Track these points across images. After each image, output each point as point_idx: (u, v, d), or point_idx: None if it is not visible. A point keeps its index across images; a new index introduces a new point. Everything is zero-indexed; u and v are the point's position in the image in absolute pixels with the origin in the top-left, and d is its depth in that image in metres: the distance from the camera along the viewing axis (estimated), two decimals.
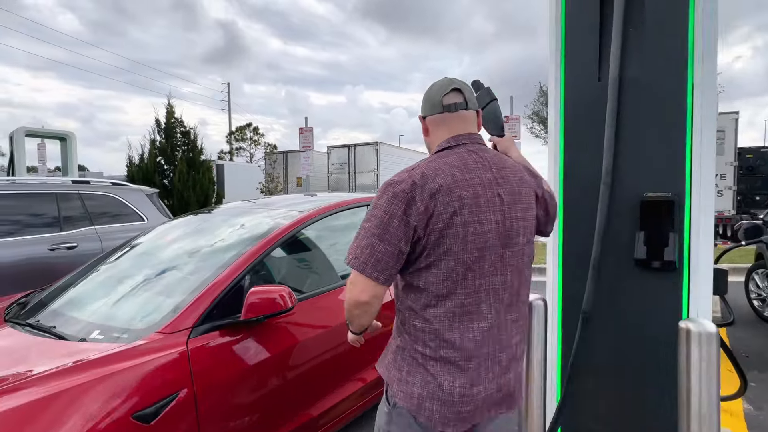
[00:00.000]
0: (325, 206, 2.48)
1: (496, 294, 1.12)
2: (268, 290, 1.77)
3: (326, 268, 2.42)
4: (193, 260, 2.15)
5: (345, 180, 16.32)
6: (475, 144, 1.22)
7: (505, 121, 1.75)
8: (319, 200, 2.75)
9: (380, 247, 1.05)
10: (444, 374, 1.09)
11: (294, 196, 3.07)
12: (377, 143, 15.61)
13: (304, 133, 7.95)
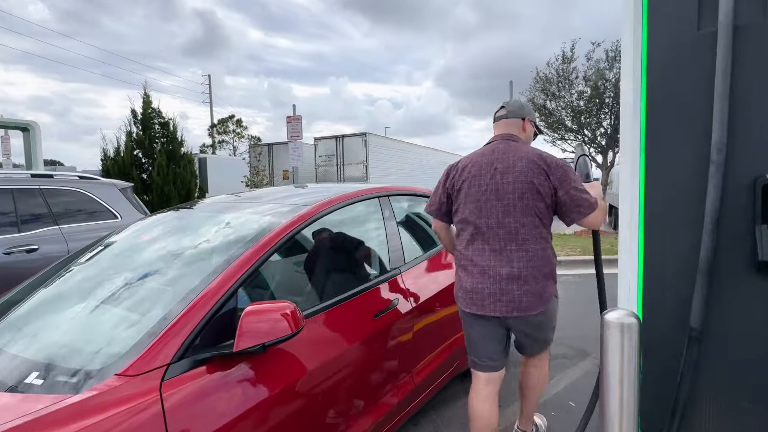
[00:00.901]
0: (328, 199, 2.05)
1: (492, 229, 1.72)
2: (269, 308, 1.35)
3: (338, 273, 2.00)
4: (171, 269, 1.71)
5: (333, 172, 15.83)
6: (503, 141, 1.83)
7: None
8: (316, 192, 2.32)
9: (434, 198, 1.94)
10: (463, 276, 1.81)
11: (284, 188, 2.61)
12: (366, 134, 15.13)
13: (292, 121, 7.45)
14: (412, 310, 2.11)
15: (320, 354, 1.60)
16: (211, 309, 1.37)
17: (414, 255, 2.40)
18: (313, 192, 2.37)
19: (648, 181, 1.42)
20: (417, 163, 19.50)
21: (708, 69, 1.31)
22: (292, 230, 1.74)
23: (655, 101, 1.40)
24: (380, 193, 2.36)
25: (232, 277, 1.47)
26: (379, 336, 1.88)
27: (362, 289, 1.92)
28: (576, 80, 10.43)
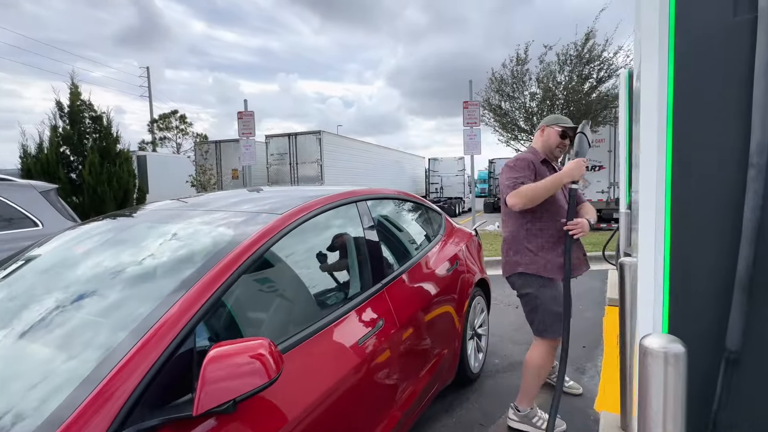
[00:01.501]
0: (300, 207, 1.76)
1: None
2: (239, 350, 1.05)
3: (315, 294, 1.71)
4: (105, 295, 1.34)
5: (286, 172, 15.25)
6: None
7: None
8: (277, 198, 2.02)
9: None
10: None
11: (237, 193, 2.28)
12: (320, 132, 14.69)
13: (244, 117, 6.90)
14: (398, 329, 1.87)
15: (302, 396, 1.31)
16: (163, 353, 1.05)
17: (396, 266, 2.16)
18: (273, 197, 2.06)
19: (676, 187, 1.28)
20: (373, 162, 19.30)
21: (745, 61, 1.17)
22: (262, 246, 1.43)
23: (684, 98, 1.26)
24: (357, 198, 2.09)
25: (190, 309, 1.15)
26: (365, 365, 1.62)
27: (344, 311, 1.65)
28: (529, 81, 10.68)
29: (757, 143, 1.10)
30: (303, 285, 1.64)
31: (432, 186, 22.62)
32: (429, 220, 2.93)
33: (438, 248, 2.71)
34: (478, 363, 3.07)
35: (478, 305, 3.10)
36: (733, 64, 1.16)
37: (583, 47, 9.70)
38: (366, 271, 1.91)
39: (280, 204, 1.79)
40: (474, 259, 3.18)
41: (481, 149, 7.74)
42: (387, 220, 2.41)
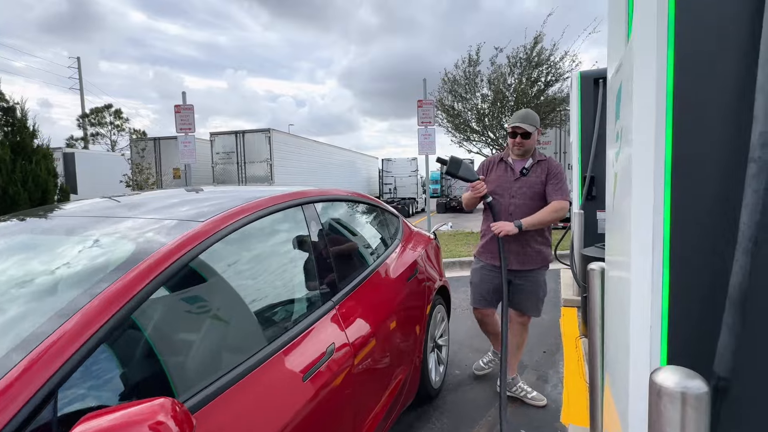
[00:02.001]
0: (231, 211, 1.43)
1: None
2: (128, 420, 0.73)
3: (249, 320, 1.38)
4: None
5: (233, 171, 14.49)
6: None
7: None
8: (215, 198, 1.68)
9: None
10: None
11: (173, 193, 1.91)
12: (270, 130, 14.08)
13: (182, 111, 6.30)
14: (352, 353, 1.59)
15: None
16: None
17: (350, 277, 1.88)
18: (211, 198, 1.71)
19: (677, 191, 1.10)
20: (326, 162, 18.85)
21: (752, 41, 1.01)
22: (171, 265, 1.10)
23: (687, 88, 1.09)
24: (304, 200, 1.79)
25: (59, 355, 0.81)
26: (313, 403, 1.32)
27: (285, 341, 1.34)
28: (480, 83, 10.78)
29: (760, 134, 0.94)
30: (231, 311, 1.31)
31: (386, 186, 22.51)
32: (385, 224, 2.68)
33: (396, 255, 2.46)
34: (439, 377, 2.85)
35: (438, 314, 2.89)
36: (737, 46, 1.00)
37: (532, 50, 9.92)
38: (313, 287, 1.61)
39: (210, 208, 1.45)
40: (434, 265, 2.97)
41: (435, 149, 7.63)
42: (339, 226, 2.12)
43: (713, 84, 1.02)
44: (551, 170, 2.56)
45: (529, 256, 2.55)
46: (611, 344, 1.80)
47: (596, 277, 2.12)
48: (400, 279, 2.27)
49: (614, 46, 1.73)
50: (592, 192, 4.89)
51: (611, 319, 1.79)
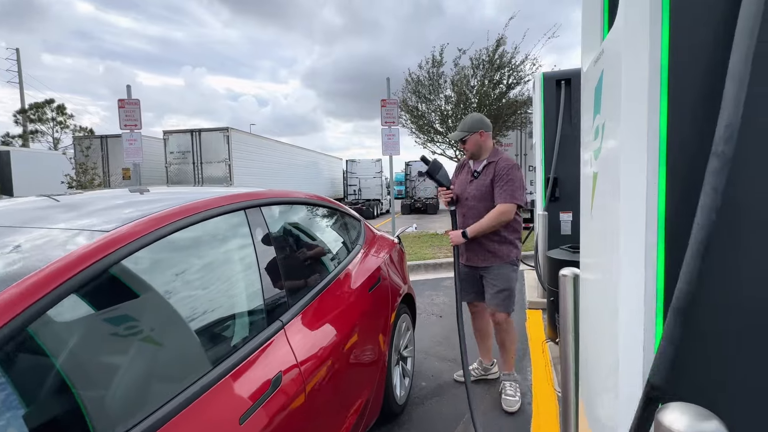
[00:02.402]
0: (155, 216, 1.18)
1: None
2: None
3: (177, 346, 1.13)
4: None
5: (189, 171, 13.79)
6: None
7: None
8: (156, 200, 1.42)
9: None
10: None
11: (113, 193, 1.64)
12: (228, 129, 13.51)
13: (127, 106, 5.76)
14: (305, 381, 1.37)
15: None
16: None
17: (304, 291, 1.66)
18: (152, 200, 1.46)
19: (672, 191, 0.96)
20: (288, 163, 18.35)
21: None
22: (90, 269, 0.85)
23: (684, 72, 0.95)
24: (248, 203, 1.55)
25: None
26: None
27: (220, 374, 1.11)
28: (444, 84, 10.77)
29: (725, 126, 0.81)
30: (148, 340, 1.06)
31: (350, 188, 22.25)
32: (346, 229, 2.47)
33: (357, 262, 2.25)
34: (404, 391, 2.67)
35: (403, 324, 2.71)
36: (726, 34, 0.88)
37: (494, 53, 10.01)
38: (258, 306, 1.38)
39: (134, 213, 1.19)
40: (398, 271, 2.79)
41: (400, 150, 7.48)
42: (292, 232, 1.89)
43: (713, 65, 0.89)
44: (497, 171, 2.57)
45: (489, 253, 2.63)
46: (589, 358, 1.67)
47: (568, 283, 2.00)
48: (361, 289, 2.06)
49: (590, 35, 1.61)
50: (555, 193, 4.89)
51: (589, 332, 1.66)
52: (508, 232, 2.63)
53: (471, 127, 2.65)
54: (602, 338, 1.18)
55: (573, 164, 4.96)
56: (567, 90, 4.86)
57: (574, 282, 2.01)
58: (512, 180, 2.52)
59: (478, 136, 2.63)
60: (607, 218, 1.25)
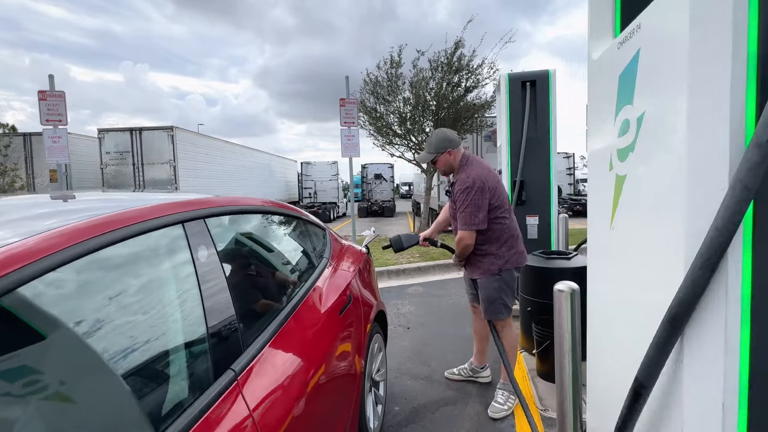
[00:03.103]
0: (71, 230, 0.81)
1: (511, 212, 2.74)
2: None
3: (83, 412, 0.76)
4: None
5: (128, 173, 12.73)
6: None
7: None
8: (66, 210, 1.04)
9: (481, 216, 2.46)
10: (516, 243, 2.63)
11: (28, 200, 1.21)
12: (172, 128, 12.59)
13: (49, 99, 4.99)
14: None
15: None
16: None
17: (262, 324, 1.31)
18: (64, 210, 1.07)
19: (764, 201, 0.74)
20: (240, 165, 17.47)
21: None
22: None
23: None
24: (189, 214, 1.19)
25: None
26: None
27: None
28: (403, 86, 10.60)
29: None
30: (55, 405, 0.69)
31: (305, 191, 21.64)
32: (310, 241, 2.13)
33: (325, 280, 1.93)
34: (378, 421, 2.37)
35: (375, 345, 2.41)
36: None
37: (453, 55, 9.97)
38: (200, 353, 1.03)
39: (28, 228, 0.81)
40: (369, 286, 2.49)
41: (359, 151, 7.18)
42: (247, 249, 1.53)
43: None
44: (455, 194, 2.53)
45: (475, 266, 2.65)
46: (611, 375, 1.46)
47: (565, 300, 1.78)
48: (330, 314, 1.74)
49: (600, 15, 1.40)
50: (522, 197, 4.81)
51: (612, 351, 1.45)
52: (489, 245, 2.56)
53: (437, 147, 2.56)
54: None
55: (539, 167, 4.91)
56: (532, 92, 4.79)
57: (571, 298, 1.80)
58: (464, 204, 2.44)
59: (447, 155, 2.56)
60: (651, 229, 1.03)
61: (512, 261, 2.58)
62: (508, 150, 4.84)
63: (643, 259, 1.02)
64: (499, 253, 2.55)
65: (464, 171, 2.52)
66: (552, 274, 3.21)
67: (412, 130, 11.13)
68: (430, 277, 6.34)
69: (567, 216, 4.83)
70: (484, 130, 11.89)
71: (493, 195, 2.47)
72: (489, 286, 2.57)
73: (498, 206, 2.49)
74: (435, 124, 10.92)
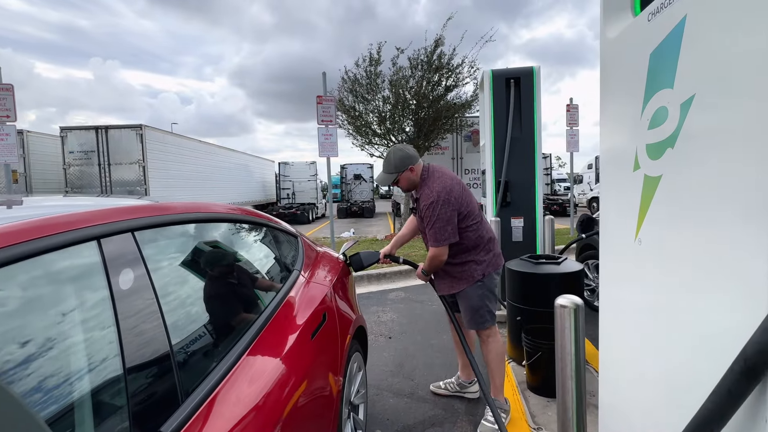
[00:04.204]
0: None
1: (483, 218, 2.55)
2: None
3: None
4: None
5: (94, 174, 12.13)
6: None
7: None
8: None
9: (451, 229, 2.34)
10: (494, 247, 2.54)
11: None
12: (141, 126, 12.04)
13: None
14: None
15: None
16: None
17: (207, 365, 1.05)
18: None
19: None
20: (215, 165, 16.90)
21: None
22: None
23: None
24: (113, 226, 0.91)
25: None
26: None
27: None
28: (382, 84, 10.37)
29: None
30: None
31: (283, 192, 21.17)
32: (279, 252, 1.87)
33: (295, 296, 1.67)
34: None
35: (354, 364, 2.16)
36: None
37: (433, 54, 9.80)
38: (110, 415, 0.76)
39: None
40: (347, 299, 2.24)
41: (338, 151, 6.91)
42: (195, 267, 1.26)
43: None
44: (421, 210, 2.40)
45: (454, 279, 2.51)
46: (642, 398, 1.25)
47: (568, 316, 1.58)
48: (300, 339, 1.48)
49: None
50: (506, 198, 4.64)
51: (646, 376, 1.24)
52: (466, 254, 2.45)
53: (398, 167, 2.42)
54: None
55: (524, 167, 4.76)
56: (516, 90, 4.62)
57: (575, 315, 1.60)
58: (432, 220, 2.31)
59: (408, 172, 2.43)
60: (708, 247, 0.82)
61: (492, 264, 2.48)
62: (492, 150, 4.66)
63: (694, 284, 0.81)
64: (479, 259, 2.44)
65: (427, 186, 2.39)
66: (542, 280, 3.04)
67: (392, 130, 10.91)
68: (413, 281, 6.12)
69: (552, 218, 4.69)
70: (464, 129, 11.78)
71: (461, 204, 2.35)
72: (472, 294, 2.44)
73: (467, 214, 2.38)
74: (415, 123, 10.74)
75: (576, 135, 8.94)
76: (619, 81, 1.11)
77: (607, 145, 1.19)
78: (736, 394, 0.64)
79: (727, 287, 0.73)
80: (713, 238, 0.75)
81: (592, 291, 4.53)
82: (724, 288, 0.74)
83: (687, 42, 0.80)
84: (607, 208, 1.23)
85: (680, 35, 0.82)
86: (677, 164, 0.84)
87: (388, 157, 2.46)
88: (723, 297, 0.74)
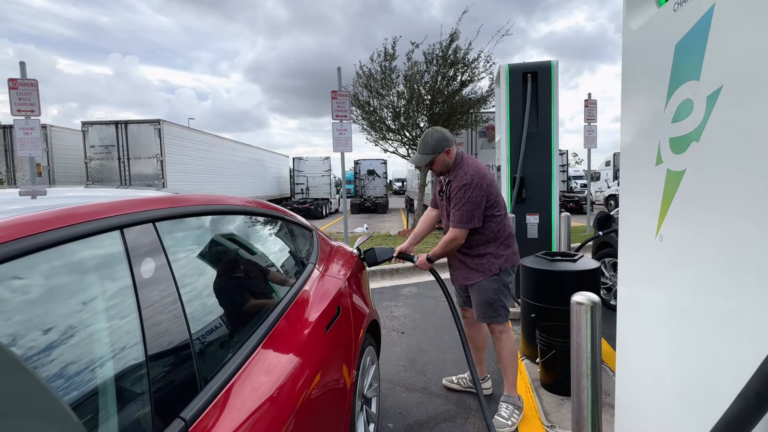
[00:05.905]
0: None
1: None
2: None
3: None
4: None
5: (114, 168, 12.39)
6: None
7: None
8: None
9: (477, 213, 2.39)
10: (513, 243, 2.53)
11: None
12: (159, 121, 12.25)
13: (20, 87, 4.66)
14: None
15: None
16: None
17: (223, 355, 1.07)
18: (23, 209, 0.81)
19: None
20: (231, 160, 17.11)
21: None
22: None
23: None
24: (135, 216, 0.94)
25: None
26: None
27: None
28: (397, 79, 10.32)
29: None
30: None
31: (297, 186, 21.33)
32: (293, 245, 1.89)
33: (310, 290, 1.68)
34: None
35: (368, 358, 2.17)
36: None
37: (448, 48, 9.71)
38: (131, 401, 0.79)
39: None
40: (361, 293, 2.25)
41: (352, 146, 6.92)
42: (214, 258, 1.28)
43: None
44: (451, 191, 2.44)
45: (471, 270, 2.51)
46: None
47: (585, 313, 1.57)
48: (315, 331, 1.50)
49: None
50: (522, 194, 4.59)
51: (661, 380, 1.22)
52: (486, 245, 2.46)
53: (435, 147, 2.42)
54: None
55: (541, 164, 4.70)
56: (533, 85, 4.55)
57: (591, 312, 1.58)
58: (461, 202, 2.36)
59: (444, 155, 2.44)
60: (733, 243, 0.80)
61: (510, 260, 2.49)
62: (508, 145, 4.61)
63: (718, 283, 0.79)
64: (498, 252, 2.46)
65: (461, 168, 2.44)
66: (557, 277, 3.00)
67: (406, 125, 10.86)
68: (425, 276, 6.11)
69: (569, 214, 4.63)
70: (479, 125, 11.67)
71: (490, 192, 2.41)
72: (487, 288, 2.45)
73: (495, 203, 2.43)
74: (429, 119, 10.67)
75: (594, 131, 8.78)
76: (642, 73, 1.08)
77: (628, 139, 1.17)
78: (765, 397, 0.62)
79: (753, 287, 0.72)
80: (739, 235, 0.74)
81: (609, 289, 4.46)
82: (750, 287, 0.72)
83: (715, 32, 0.78)
84: (627, 204, 1.21)
85: (708, 25, 0.79)
86: (702, 158, 0.82)
87: (425, 138, 2.46)
88: (748, 297, 0.73)
